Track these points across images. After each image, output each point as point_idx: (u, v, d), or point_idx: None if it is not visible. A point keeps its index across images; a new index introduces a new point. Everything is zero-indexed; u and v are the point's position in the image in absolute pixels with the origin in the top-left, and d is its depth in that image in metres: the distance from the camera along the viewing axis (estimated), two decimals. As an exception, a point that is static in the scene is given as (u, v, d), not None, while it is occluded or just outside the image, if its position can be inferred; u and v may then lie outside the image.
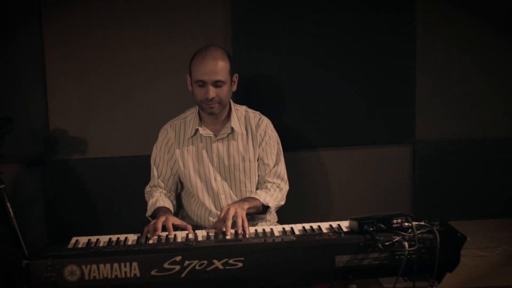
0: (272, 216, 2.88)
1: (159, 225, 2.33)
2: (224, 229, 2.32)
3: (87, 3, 3.29)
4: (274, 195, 2.75)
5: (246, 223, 2.36)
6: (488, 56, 3.51)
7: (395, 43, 3.43)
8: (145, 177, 2.85)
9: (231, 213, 2.36)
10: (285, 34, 3.38)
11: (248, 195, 2.76)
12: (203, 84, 2.59)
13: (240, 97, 2.95)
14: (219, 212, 2.73)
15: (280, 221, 2.90)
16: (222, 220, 2.36)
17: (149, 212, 2.70)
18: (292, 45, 3.38)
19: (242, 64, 3.23)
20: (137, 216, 2.91)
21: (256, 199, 2.66)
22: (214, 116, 2.69)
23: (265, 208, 2.70)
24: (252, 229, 2.36)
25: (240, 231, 2.31)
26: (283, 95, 3.43)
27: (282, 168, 2.83)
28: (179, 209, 2.88)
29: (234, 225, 2.35)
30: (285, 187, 2.84)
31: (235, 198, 2.76)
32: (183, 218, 2.80)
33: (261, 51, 3.38)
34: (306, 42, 3.39)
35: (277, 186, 2.79)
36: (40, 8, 3.25)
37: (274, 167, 2.80)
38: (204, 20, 3.36)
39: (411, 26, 3.43)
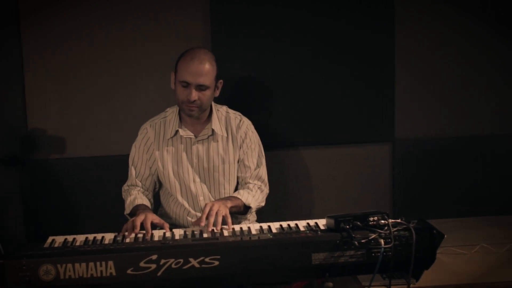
0: (251, 215, 2.88)
1: (138, 223, 2.32)
2: (203, 225, 2.32)
3: (67, 3, 3.26)
4: (256, 195, 2.76)
5: (229, 220, 2.37)
6: (468, 53, 3.52)
7: (374, 41, 3.43)
8: (124, 176, 2.84)
9: (214, 209, 2.36)
10: (264, 33, 3.36)
11: None
12: (186, 85, 2.58)
13: (221, 96, 2.94)
14: (197, 213, 2.73)
15: (262, 220, 2.89)
16: (206, 217, 2.36)
17: (127, 210, 2.69)
18: (271, 44, 3.37)
19: (222, 63, 3.23)
20: (116, 215, 2.89)
21: (238, 198, 2.66)
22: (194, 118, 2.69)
23: (246, 208, 2.70)
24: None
25: (218, 229, 2.31)
26: (263, 94, 3.43)
27: (263, 171, 2.83)
28: (157, 208, 2.88)
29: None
30: (266, 189, 2.84)
31: (213, 200, 2.75)
32: (161, 216, 2.78)
33: (240, 51, 3.36)
34: (286, 41, 3.38)
35: (259, 188, 2.80)
36: (17, 8, 3.22)
37: (255, 169, 2.80)
38: (184, 19, 3.34)
39: (390, 22, 3.43)
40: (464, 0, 3.47)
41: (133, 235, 2.29)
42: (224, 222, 2.38)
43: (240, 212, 2.69)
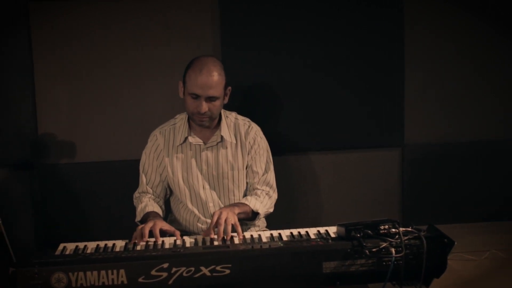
0: (261, 221, 2.87)
1: (146, 231, 2.32)
2: (214, 235, 2.32)
3: (76, 7, 3.28)
4: (264, 201, 2.75)
5: (239, 228, 2.36)
6: (479, 58, 3.52)
7: (384, 46, 3.44)
8: (134, 181, 2.84)
9: (223, 217, 2.35)
10: (273, 38, 3.37)
11: None
12: (196, 97, 2.57)
13: (229, 100, 2.96)
14: (207, 220, 2.74)
15: (270, 225, 2.90)
16: (214, 225, 2.36)
17: (138, 218, 2.69)
18: (280, 49, 3.38)
19: (231, 68, 3.23)
20: (126, 220, 2.90)
21: (246, 204, 2.66)
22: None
23: (254, 215, 2.70)
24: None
25: (228, 237, 2.31)
26: (272, 99, 3.43)
27: (271, 177, 2.83)
28: (168, 214, 2.88)
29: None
30: (274, 195, 2.84)
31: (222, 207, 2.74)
32: (171, 222, 2.80)
33: (250, 56, 3.37)
34: (294, 46, 3.39)
35: (267, 194, 2.79)
36: (28, 12, 3.24)
37: (263, 175, 2.80)
38: (193, 23, 3.35)
39: (399, 26, 3.44)
40: (475, 4, 3.46)
41: (143, 242, 2.30)
42: (234, 230, 2.38)
43: (248, 218, 2.69)
